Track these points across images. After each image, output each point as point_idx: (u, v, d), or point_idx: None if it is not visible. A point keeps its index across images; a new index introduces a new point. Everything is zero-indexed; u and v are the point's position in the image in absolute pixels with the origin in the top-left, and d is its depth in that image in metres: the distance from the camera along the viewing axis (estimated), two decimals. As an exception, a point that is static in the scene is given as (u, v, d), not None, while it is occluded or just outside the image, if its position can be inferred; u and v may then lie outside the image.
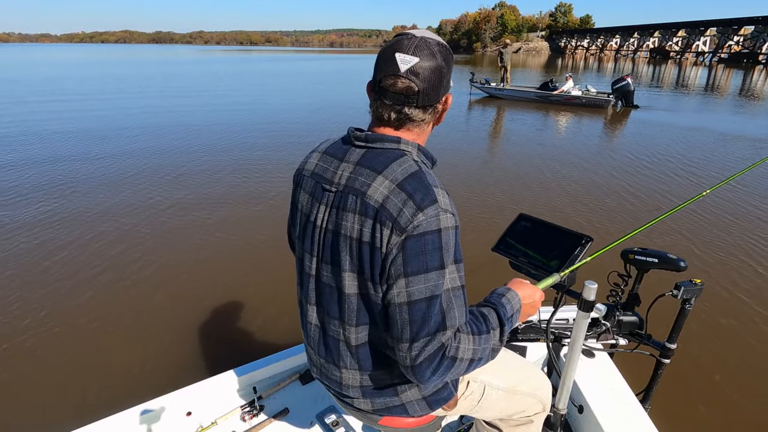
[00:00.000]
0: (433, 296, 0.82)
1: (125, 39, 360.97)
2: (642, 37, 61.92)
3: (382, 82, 0.86)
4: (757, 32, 45.96)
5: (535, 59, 55.75)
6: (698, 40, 53.59)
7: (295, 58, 59.02)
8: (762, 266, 3.68)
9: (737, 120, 11.40)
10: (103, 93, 15.45)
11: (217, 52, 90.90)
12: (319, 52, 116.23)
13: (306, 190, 0.99)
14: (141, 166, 6.37)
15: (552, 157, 7.28)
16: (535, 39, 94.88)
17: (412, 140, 0.92)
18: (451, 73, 0.92)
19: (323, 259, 0.95)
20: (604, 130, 10.00)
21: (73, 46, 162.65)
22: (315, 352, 1.06)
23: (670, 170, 6.50)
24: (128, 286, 3.31)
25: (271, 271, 3.51)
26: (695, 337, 2.73)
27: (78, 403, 2.25)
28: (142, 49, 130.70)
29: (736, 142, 8.56)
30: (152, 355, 2.59)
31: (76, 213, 4.63)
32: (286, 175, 5.92)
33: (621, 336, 1.51)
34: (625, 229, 4.44)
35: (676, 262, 1.33)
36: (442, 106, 0.93)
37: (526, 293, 1.03)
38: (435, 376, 0.85)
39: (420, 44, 0.85)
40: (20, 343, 2.69)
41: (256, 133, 8.83)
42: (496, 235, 1.41)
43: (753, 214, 4.83)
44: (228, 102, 13.67)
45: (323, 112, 11.67)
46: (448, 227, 0.83)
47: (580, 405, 1.55)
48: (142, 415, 1.47)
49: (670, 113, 12.36)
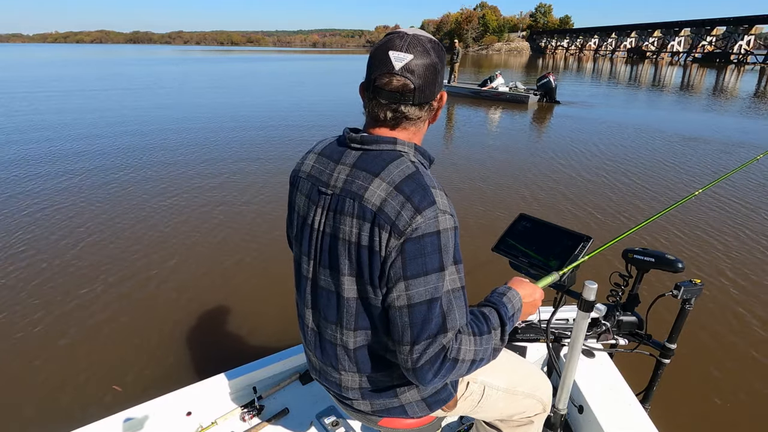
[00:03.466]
0: (434, 298, 0.82)
1: (101, 39, 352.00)
2: (619, 37, 63.27)
3: (377, 81, 0.85)
4: (729, 33, 47.48)
5: (517, 59, 56.44)
6: (673, 40, 55.04)
7: (281, 59, 58.46)
8: (762, 266, 3.69)
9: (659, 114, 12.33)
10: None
11: (196, 52, 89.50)
12: (302, 52, 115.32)
13: (302, 192, 0.97)
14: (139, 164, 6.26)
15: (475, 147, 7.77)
16: (516, 39, 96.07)
17: (408, 140, 0.91)
18: (444, 70, 0.92)
19: (320, 262, 0.94)
20: (531, 123, 10.81)
21: (43, 47, 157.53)
22: (313, 355, 1.06)
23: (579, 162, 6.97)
24: (128, 286, 3.28)
25: (272, 271, 3.50)
26: (695, 336, 2.74)
27: (78, 404, 2.22)
28: (118, 49, 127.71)
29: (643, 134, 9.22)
30: (152, 355, 2.57)
31: (86, 214, 4.52)
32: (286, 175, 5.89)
33: (621, 336, 1.51)
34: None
35: (674, 263, 1.34)
36: (437, 104, 0.92)
37: (526, 292, 1.03)
38: (437, 378, 0.85)
39: (413, 41, 0.85)
40: (20, 343, 2.65)
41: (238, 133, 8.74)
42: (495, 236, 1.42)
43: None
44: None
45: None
46: (446, 229, 0.83)
47: (580, 405, 1.55)
48: (142, 415, 1.46)
49: (589, 108, 13.15)
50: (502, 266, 1.50)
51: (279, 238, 4.05)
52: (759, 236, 4.26)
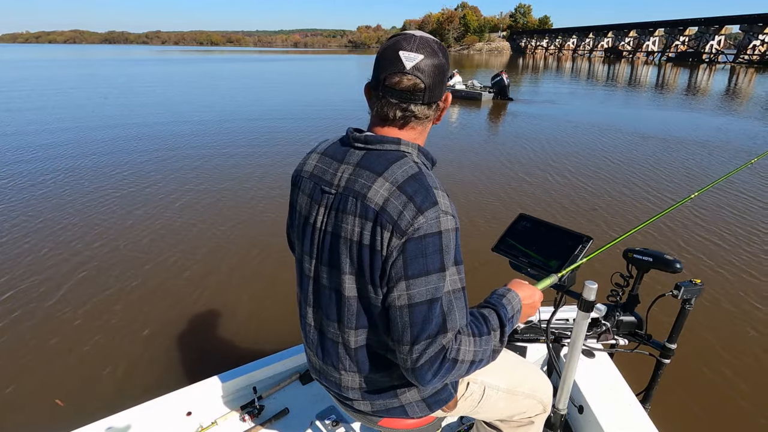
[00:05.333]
0: (434, 299, 0.82)
1: (75, 39, 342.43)
2: (597, 37, 64.65)
3: (387, 80, 0.85)
4: (700, 33, 49.06)
5: (497, 59, 57.20)
6: (648, 40, 56.55)
7: (262, 59, 57.85)
8: (762, 266, 3.67)
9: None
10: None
11: (175, 53, 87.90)
12: (284, 52, 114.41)
13: (305, 192, 0.97)
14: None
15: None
16: (496, 39, 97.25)
17: (412, 140, 0.92)
18: (449, 68, 0.91)
19: (322, 261, 0.94)
20: (488, 119, 11.44)
21: (12, 47, 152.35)
22: (314, 354, 1.06)
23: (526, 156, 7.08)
24: (128, 286, 3.27)
25: (272, 271, 3.50)
26: (695, 336, 2.73)
27: (78, 404, 2.21)
28: (91, 49, 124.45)
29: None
30: (152, 355, 2.56)
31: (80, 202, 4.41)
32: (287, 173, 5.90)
33: (621, 336, 1.51)
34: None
35: (672, 263, 1.33)
36: (443, 104, 0.92)
37: (525, 294, 1.03)
38: (436, 378, 0.85)
39: (421, 42, 0.86)
40: (19, 341, 2.63)
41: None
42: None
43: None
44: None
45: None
46: (448, 229, 0.83)
47: (580, 405, 1.54)
48: (142, 415, 1.45)
49: (546, 106, 13.73)
50: (501, 266, 1.51)
51: (279, 239, 4.03)
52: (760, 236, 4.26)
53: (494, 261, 2.12)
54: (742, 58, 43.56)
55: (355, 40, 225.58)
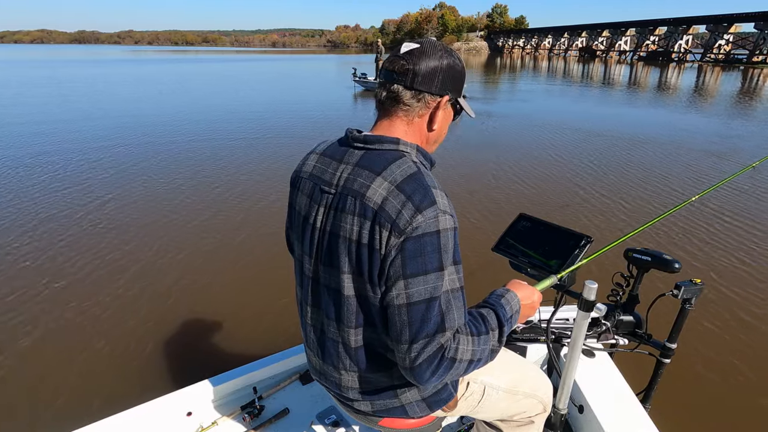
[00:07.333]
0: (432, 298, 0.82)
1: (43, 39, 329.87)
2: (572, 37, 66.02)
3: (384, 65, 0.94)
4: (670, 32, 50.70)
5: (476, 58, 57.74)
6: (620, 40, 58.08)
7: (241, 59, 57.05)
8: (762, 266, 3.72)
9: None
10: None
11: (148, 53, 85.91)
12: (262, 52, 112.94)
13: (304, 192, 0.98)
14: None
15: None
16: (475, 39, 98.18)
17: (402, 133, 0.93)
18: (452, 81, 0.93)
19: (321, 260, 0.94)
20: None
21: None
22: (314, 354, 1.06)
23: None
24: (127, 287, 3.24)
25: (272, 272, 3.49)
26: (696, 336, 2.75)
27: (78, 404, 2.19)
28: (60, 49, 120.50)
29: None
30: (153, 356, 2.54)
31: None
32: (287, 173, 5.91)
33: (621, 336, 1.51)
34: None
35: (670, 263, 1.34)
36: (434, 103, 0.93)
37: (524, 294, 1.03)
38: (434, 377, 0.85)
39: (427, 41, 0.92)
40: (18, 343, 2.62)
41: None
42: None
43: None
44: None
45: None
46: (446, 229, 0.83)
47: (581, 405, 1.54)
48: (142, 415, 1.44)
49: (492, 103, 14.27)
50: (501, 267, 1.50)
51: (279, 239, 4.00)
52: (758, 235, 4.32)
53: (494, 261, 2.14)
54: (709, 57, 45.22)
55: (334, 39, 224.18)
